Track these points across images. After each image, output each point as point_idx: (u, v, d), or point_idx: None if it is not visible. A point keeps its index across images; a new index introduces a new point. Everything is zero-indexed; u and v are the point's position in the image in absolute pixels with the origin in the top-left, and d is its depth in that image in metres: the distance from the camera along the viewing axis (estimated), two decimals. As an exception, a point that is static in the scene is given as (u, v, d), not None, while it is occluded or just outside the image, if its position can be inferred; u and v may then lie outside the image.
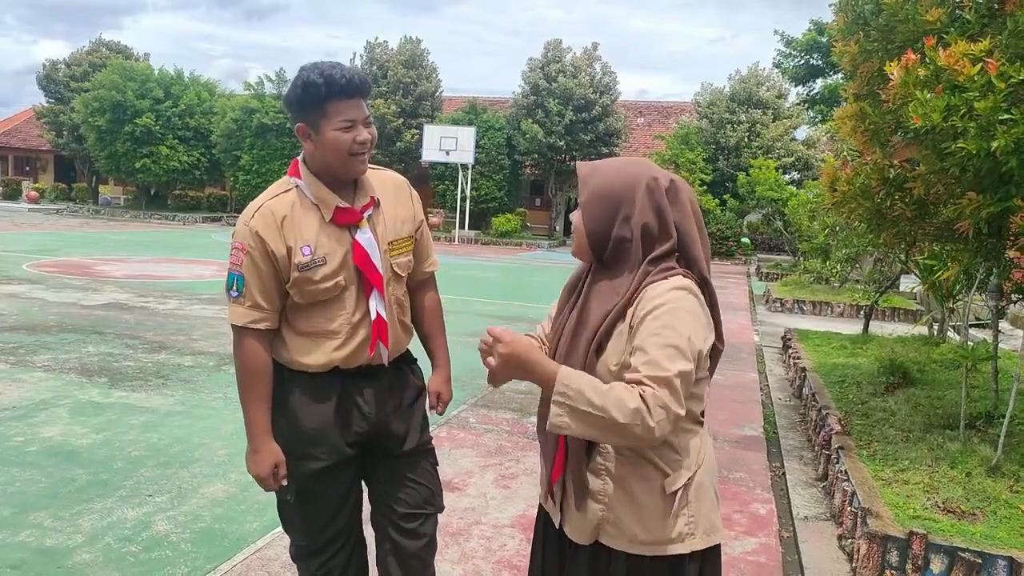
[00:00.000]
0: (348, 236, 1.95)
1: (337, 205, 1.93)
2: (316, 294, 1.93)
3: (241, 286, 1.92)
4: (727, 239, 24.79)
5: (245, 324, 1.92)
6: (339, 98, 1.85)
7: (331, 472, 2.04)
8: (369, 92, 1.94)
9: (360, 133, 1.88)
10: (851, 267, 13.18)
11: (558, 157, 26.96)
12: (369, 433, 2.06)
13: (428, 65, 29.20)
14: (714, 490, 1.63)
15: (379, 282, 1.98)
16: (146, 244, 18.26)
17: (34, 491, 3.60)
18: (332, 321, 1.96)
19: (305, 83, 1.85)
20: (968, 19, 3.57)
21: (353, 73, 1.88)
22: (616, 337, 1.51)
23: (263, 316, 1.93)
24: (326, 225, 1.93)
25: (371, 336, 1.98)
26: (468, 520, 3.53)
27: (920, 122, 3.25)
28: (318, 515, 2.08)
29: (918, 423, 4.57)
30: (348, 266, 1.94)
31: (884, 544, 3.04)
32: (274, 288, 1.93)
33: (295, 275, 1.91)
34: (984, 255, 4.16)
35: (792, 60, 21.72)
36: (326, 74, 1.84)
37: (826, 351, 7.52)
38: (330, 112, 1.85)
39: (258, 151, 28.06)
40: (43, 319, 7.88)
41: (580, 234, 1.59)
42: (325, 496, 2.07)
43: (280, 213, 1.91)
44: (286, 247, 1.90)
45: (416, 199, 2.17)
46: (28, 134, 37.93)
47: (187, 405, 5.15)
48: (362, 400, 2.03)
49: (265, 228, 1.89)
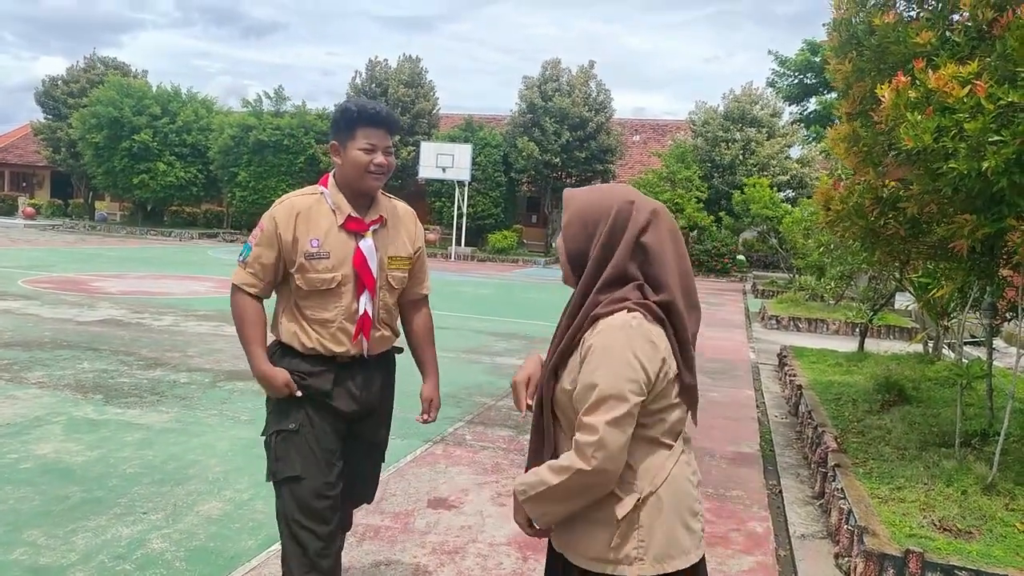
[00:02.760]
0: (353, 242, 2.30)
1: (349, 214, 2.29)
2: (316, 282, 2.27)
3: (248, 253, 2.32)
4: (722, 256, 24.87)
5: (240, 283, 2.33)
6: (367, 125, 2.24)
7: (327, 415, 2.33)
8: (396, 129, 2.34)
9: (377, 157, 2.25)
10: (846, 285, 13.22)
11: (554, 174, 27.10)
12: (356, 413, 2.38)
13: (426, 83, 29.44)
14: (681, 515, 1.57)
15: (371, 285, 2.32)
16: (142, 260, 18.24)
17: (28, 509, 3.58)
18: (328, 311, 2.30)
19: (343, 109, 2.27)
20: (958, 41, 3.62)
21: (385, 109, 2.28)
22: (570, 364, 1.57)
23: (255, 283, 2.32)
24: (337, 228, 2.29)
25: (355, 329, 2.32)
26: (464, 538, 3.52)
27: (912, 143, 3.29)
28: (317, 452, 2.30)
29: (914, 441, 4.58)
30: (347, 266, 2.28)
31: (881, 562, 3.04)
32: (271, 265, 2.30)
33: (300, 261, 2.26)
34: (978, 273, 4.20)
35: (786, 79, 21.96)
36: (360, 104, 2.26)
37: (822, 368, 7.54)
38: (358, 135, 2.24)
39: (255, 168, 28.14)
40: (38, 335, 7.85)
41: (562, 256, 1.65)
42: (324, 434, 2.32)
43: (298, 208, 2.29)
44: (293, 236, 2.26)
45: (420, 229, 2.54)
46: (25, 150, 37.98)
47: (182, 422, 5.13)
48: (352, 384, 2.37)
49: (282, 216, 2.28)
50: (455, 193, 26.12)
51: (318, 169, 27.82)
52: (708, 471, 4.76)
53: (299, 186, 13.17)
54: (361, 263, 2.29)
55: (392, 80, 28.42)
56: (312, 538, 2.26)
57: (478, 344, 8.99)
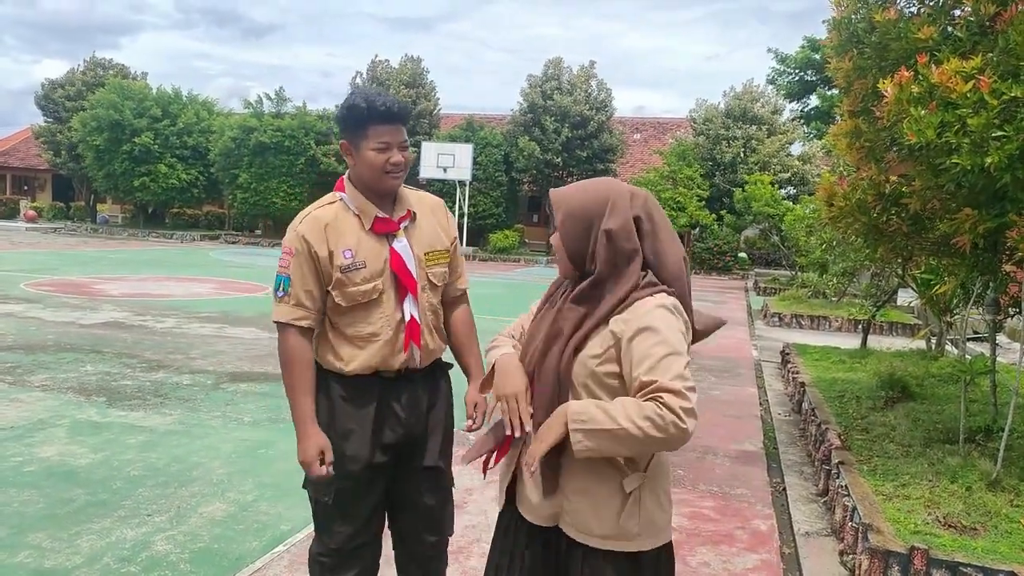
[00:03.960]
0: (386, 244, 2.14)
1: (376, 215, 2.13)
2: (356, 296, 2.10)
3: (287, 286, 2.11)
4: (724, 254, 24.83)
5: (288, 321, 2.11)
6: (379, 122, 2.06)
7: (365, 479, 2.17)
8: (408, 119, 2.16)
9: (394, 155, 2.09)
10: (848, 281, 13.22)
11: (555, 173, 27.07)
12: (402, 438, 2.20)
13: (428, 83, 29.44)
14: (666, 493, 1.70)
15: (413, 287, 2.15)
16: (144, 262, 18.25)
17: (32, 512, 3.58)
18: (371, 324, 2.12)
19: (351, 106, 2.08)
20: (960, 37, 3.61)
21: (394, 101, 2.09)
22: (597, 338, 1.61)
23: (304, 314, 2.11)
24: (366, 233, 2.12)
25: (404, 338, 2.14)
26: (469, 538, 3.51)
27: (915, 138, 3.28)
28: (350, 520, 2.19)
29: (918, 437, 4.57)
30: (386, 271, 2.12)
31: (886, 559, 3.04)
32: (315, 288, 2.11)
33: (337, 276, 2.08)
34: (981, 269, 4.19)
35: (786, 77, 21.92)
36: (369, 99, 2.06)
37: (825, 366, 7.53)
38: (370, 134, 2.07)
39: (256, 169, 28.13)
40: (41, 338, 7.86)
41: (562, 254, 1.69)
42: (358, 502, 2.19)
43: (324, 220, 2.11)
44: (328, 250, 2.09)
45: (451, 218, 2.36)
46: (26, 153, 38.03)
47: (186, 424, 5.13)
48: (398, 405, 2.18)
49: (311, 232, 2.09)
50: (456, 193, 26.12)
51: (318, 170, 27.84)
52: (712, 469, 4.75)
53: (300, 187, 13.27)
54: (399, 265, 2.13)
55: (393, 80, 28.42)
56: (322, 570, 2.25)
57: (481, 344, 8.96)
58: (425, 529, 2.32)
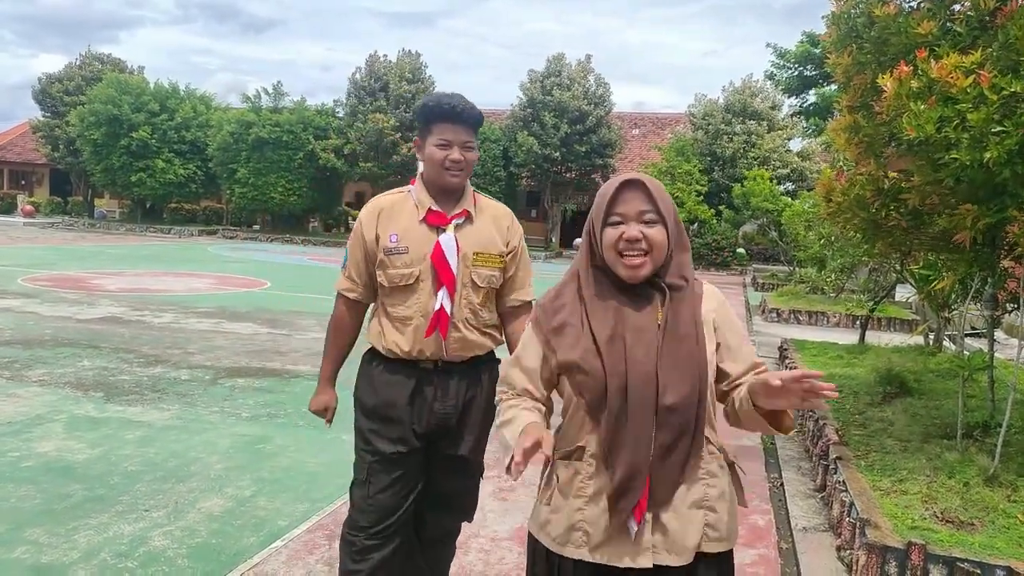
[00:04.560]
0: (434, 236, 2.25)
1: (430, 207, 2.27)
2: (395, 278, 2.25)
3: (345, 259, 2.37)
4: (723, 249, 24.85)
5: (340, 290, 2.37)
6: (443, 121, 2.22)
7: (400, 461, 2.28)
8: (476, 122, 2.28)
9: (453, 153, 2.22)
10: (847, 277, 13.22)
11: (554, 168, 27.05)
12: (436, 427, 2.30)
13: (427, 79, 29.36)
14: None
15: (449, 281, 2.24)
16: (142, 257, 18.22)
17: (29, 507, 3.58)
18: (409, 307, 2.26)
19: (421, 105, 2.28)
20: (959, 32, 3.60)
21: (463, 104, 2.23)
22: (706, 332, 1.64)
23: (352, 287, 2.35)
24: (418, 223, 2.26)
25: (430, 324, 2.23)
26: (466, 533, 3.50)
27: (914, 133, 3.27)
28: (384, 499, 2.28)
29: (916, 433, 4.57)
30: (426, 261, 2.24)
31: (883, 555, 3.04)
32: (363, 266, 2.32)
33: (381, 257, 2.26)
34: (979, 265, 4.18)
35: (785, 72, 21.85)
36: (436, 100, 2.24)
37: (823, 361, 7.53)
38: (434, 131, 2.24)
39: (254, 164, 28.08)
40: (38, 333, 7.84)
41: (663, 249, 1.57)
42: (392, 484, 2.28)
43: (381, 206, 2.31)
44: (375, 234, 2.27)
45: (515, 229, 2.42)
46: (24, 148, 37.93)
47: (183, 419, 5.12)
48: (432, 395, 2.29)
49: (367, 216, 2.31)
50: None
51: (317, 165, 27.78)
52: (710, 464, 4.75)
53: (298, 182, 13.31)
54: (439, 257, 2.22)
55: (392, 75, 28.33)
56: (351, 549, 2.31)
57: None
58: (445, 513, 2.45)
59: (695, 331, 1.58)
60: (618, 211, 1.57)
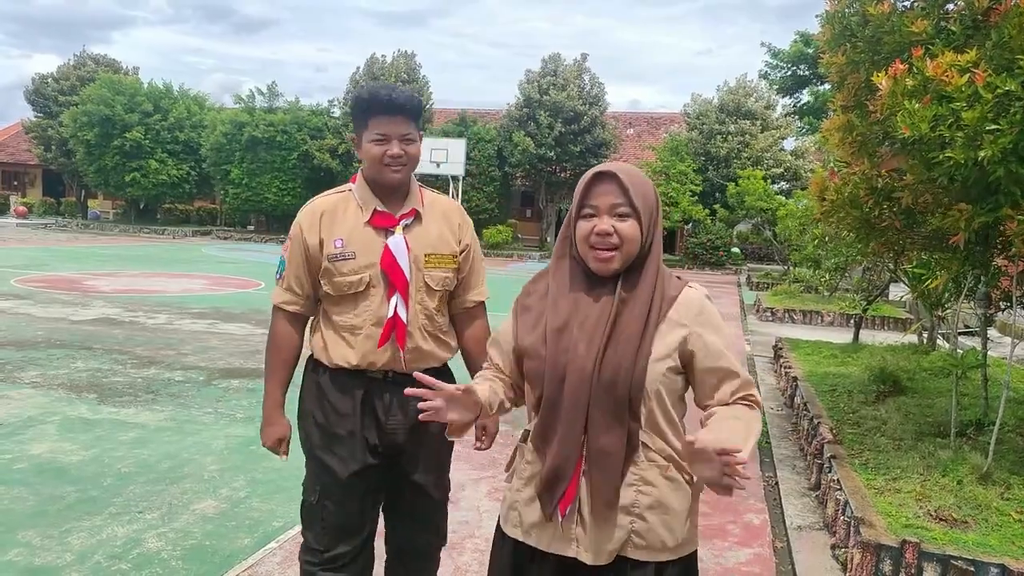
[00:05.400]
0: (382, 239, 2.09)
1: (376, 208, 2.10)
2: (343, 286, 2.08)
3: (282, 269, 2.16)
4: (717, 249, 24.88)
5: (278, 304, 2.17)
6: (380, 114, 2.04)
7: (353, 480, 2.11)
8: (415, 113, 2.09)
9: (392, 148, 2.05)
10: (841, 276, 13.25)
11: (548, 168, 27.06)
12: (387, 443, 2.13)
13: (421, 79, 29.37)
14: None
15: (402, 285, 2.08)
16: (135, 258, 18.16)
17: (22, 509, 3.56)
18: (358, 316, 2.09)
19: (356, 98, 2.10)
20: (953, 31, 3.61)
21: (399, 93, 2.05)
22: (660, 337, 1.53)
23: (293, 299, 2.15)
24: (364, 225, 2.09)
25: (383, 333, 2.07)
26: (461, 534, 3.51)
27: (908, 132, 3.28)
28: (337, 521, 2.12)
29: (909, 431, 4.58)
30: (376, 266, 2.08)
31: (877, 553, 3.04)
32: (304, 275, 2.13)
33: (325, 264, 2.08)
34: (972, 263, 4.19)
35: (779, 71, 21.90)
36: (372, 91, 2.06)
37: (817, 360, 7.55)
38: (370, 125, 2.05)
39: (248, 164, 28.02)
40: (31, 335, 7.81)
41: (634, 243, 1.53)
42: (345, 505, 2.13)
43: (322, 209, 2.12)
44: (319, 239, 2.08)
45: (466, 225, 2.26)
46: (16, 148, 37.75)
47: (177, 420, 5.10)
48: (381, 409, 2.12)
49: (307, 219, 2.11)
50: (449, 188, 26.06)
51: (311, 165, 27.72)
52: (705, 464, 4.75)
53: (292, 182, 13.23)
54: (390, 262, 2.06)
55: (387, 76, 28.32)
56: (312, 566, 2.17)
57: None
58: (416, 533, 2.27)
59: (640, 331, 1.50)
60: (591, 203, 1.54)
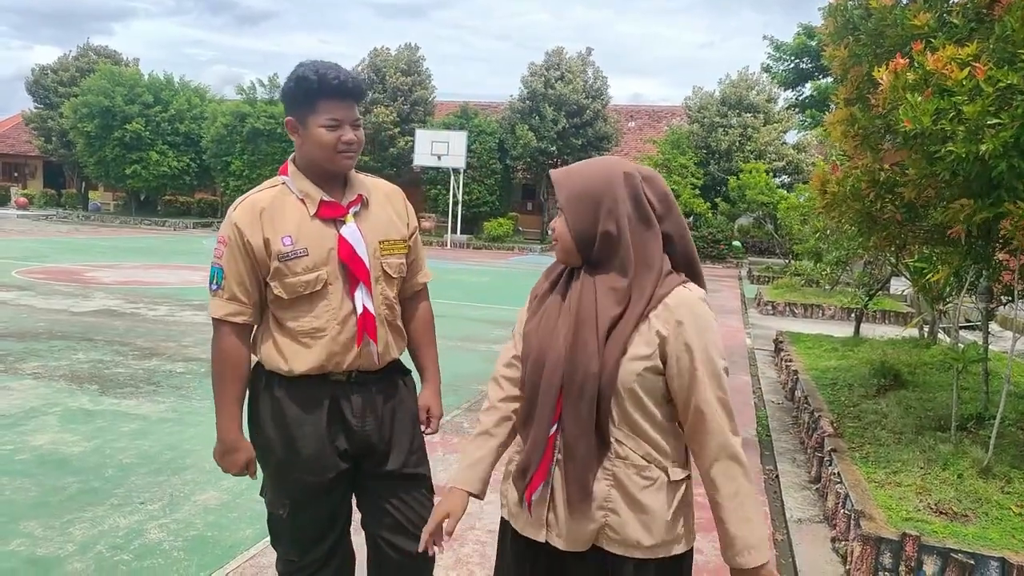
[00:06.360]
0: (333, 231, 1.93)
1: (322, 199, 1.93)
2: (297, 287, 1.90)
3: (220, 278, 1.92)
4: (718, 242, 24.87)
5: (222, 317, 1.92)
6: (330, 97, 1.87)
7: (323, 488, 2.00)
8: (363, 96, 1.97)
9: (346, 133, 1.89)
10: (842, 270, 13.25)
11: (550, 161, 27.02)
12: (359, 447, 2.01)
13: (424, 71, 29.31)
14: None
15: (365, 276, 1.94)
16: (136, 250, 18.16)
17: (24, 500, 3.57)
18: (318, 317, 1.92)
19: (299, 78, 1.87)
20: (956, 24, 3.60)
21: (348, 75, 1.89)
22: (639, 336, 1.51)
23: (240, 309, 1.93)
24: (311, 219, 1.92)
25: (358, 331, 1.93)
26: (463, 525, 3.51)
27: (910, 125, 3.27)
28: (308, 530, 2.04)
29: (910, 425, 4.59)
30: (332, 260, 1.92)
31: (877, 546, 3.05)
32: (251, 280, 1.92)
33: (275, 265, 1.89)
34: (974, 257, 4.19)
35: (781, 64, 21.81)
36: (320, 72, 1.86)
37: (818, 354, 7.55)
38: (319, 109, 1.87)
39: (249, 156, 27.99)
40: (32, 326, 7.82)
41: (565, 238, 1.58)
42: (316, 512, 2.03)
43: (260, 205, 1.92)
44: (263, 238, 1.89)
45: (409, 207, 2.16)
46: (16, 140, 37.70)
47: (178, 412, 5.11)
48: (350, 412, 1.98)
49: (244, 219, 1.90)
50: (450, 181, 26.03)
51: (312, 157, 27.67)
52: (705, 457, 4.77)
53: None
54: (349, 253, 1.91)
55: (390, 68, 28.26)
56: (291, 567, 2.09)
57: (474, 332, 8.97)
58: (399, 539, 2.07)
59: (608, 327, 1.51)
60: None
